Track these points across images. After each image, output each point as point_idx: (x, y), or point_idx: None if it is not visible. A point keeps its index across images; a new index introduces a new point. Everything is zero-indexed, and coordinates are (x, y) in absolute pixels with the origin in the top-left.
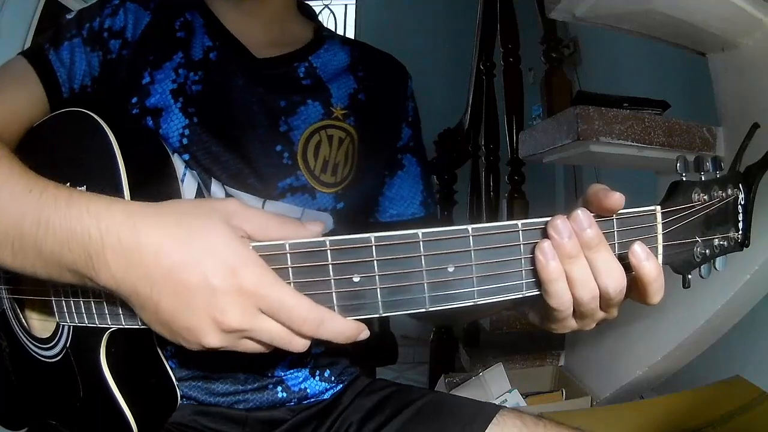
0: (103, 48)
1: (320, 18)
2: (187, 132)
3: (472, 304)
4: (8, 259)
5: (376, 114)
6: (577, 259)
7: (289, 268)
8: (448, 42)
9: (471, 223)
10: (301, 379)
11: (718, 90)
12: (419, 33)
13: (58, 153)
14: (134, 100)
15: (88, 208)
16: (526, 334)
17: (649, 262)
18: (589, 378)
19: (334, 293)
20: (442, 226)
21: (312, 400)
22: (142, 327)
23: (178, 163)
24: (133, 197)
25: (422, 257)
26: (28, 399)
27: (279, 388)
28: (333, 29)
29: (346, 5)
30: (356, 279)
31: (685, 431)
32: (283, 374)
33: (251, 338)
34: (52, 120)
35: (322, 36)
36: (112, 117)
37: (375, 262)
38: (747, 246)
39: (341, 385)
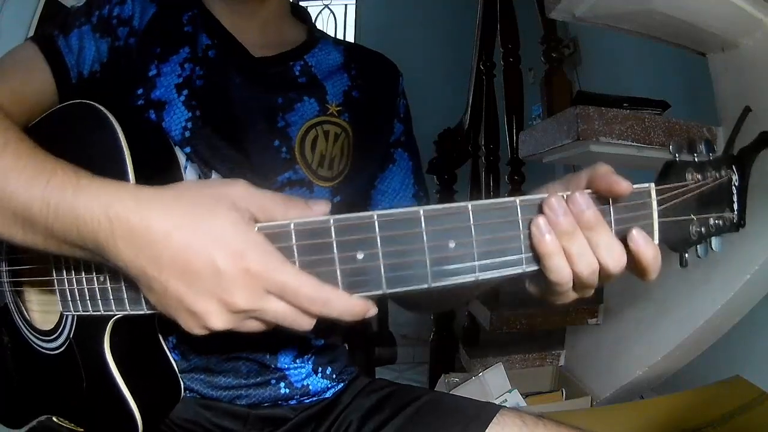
0: (111, 35)
1: (320, 18)
2: (189, 125)
3: (473, 279)
4: (18, 235)
5: (369, 110)
6: (574, 235)
7: (294, 246)
8: (448, 42)
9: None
10: (303, 375)
11: (718, 90)
12: (419, 33)
13: (66, 143)
14: (140, 91)
15: (98, 195)
16: (526, 334)
17: (648, 247)
18: (589, 378)
19: (338, 270)
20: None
21: (315, 398)
22: (147, 313)
23: (180, 156)
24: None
25: (423, 233)
26: (30, 394)
27: (282, 384)
28: (333, 29)
29: (346, 5)
30: (360, 256)
31: (685, 431)
32: (285, 369)
33: (257, 318)
34: (59, 111)
35: (315, 37)
36: (116, 108)
37: (378, 238)
38: (743, 226)
39: (342, 384)
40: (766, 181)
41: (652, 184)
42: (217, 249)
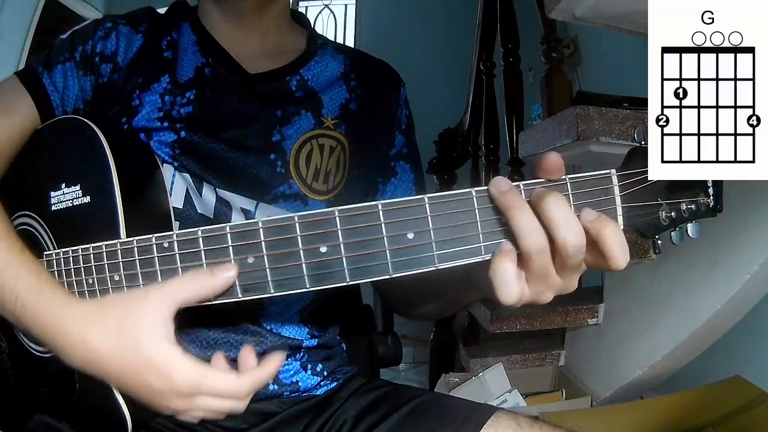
0: (94, 72)
1: (320, 18)
2: (177, 145)
3: (434, 269)
4: None
5: (368, 122)
6: (522, 209)
7: (263, 243)
8: (448, 42)
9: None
10: (292, 372)
11: None
12: (419, 33)
13: (57, 155)
14: (123, 119)
15: (52, 309)
16: (526, 334)
17: (605, 224)
18: (589, 378)
19: (303, 264)
20: None
21: (304, 394)
22: None
23: (168, 169)
24: (123, 197)
25: (383, 225)
26: (26, 396)
27: (270, 381)
28: (333, 29)
29: (346, 5)
30: (323, 249)
31: (685, 431)
32: None
33: (198, 410)
34: (52, 125)
35: (315, 46)
36: (106, 129)
37: (339, 232)
38: (720, 211)
39: (336, 383)
40: (766, 182)
41: (614, 170)
42: (149, 373)
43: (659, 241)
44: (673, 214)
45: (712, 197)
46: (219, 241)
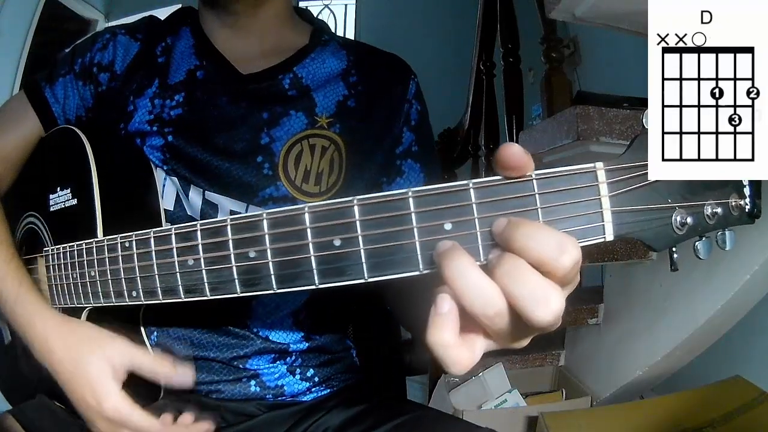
0: (93, 82)
1: (320, 18)
2: (166, 149)
3: (363, 281)
4: None
5: (368, 120)
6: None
7: (200, 245)
8: (448, 42)
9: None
10: (276, 375)
11: None
12: (419, 33)
13: (54, 161)
14: (121, 125)
15: (25, 312)
16: None
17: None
18: (589, 378)
19: (234, 268)
20: None
21: (289, 399)
22: (130, 305)
23: (159, 173)
24: (103, 201)
25: (308, 230)
26: (30, 376)
27: (252, 383)
28: (333, 29)
29: (346, 5)
30: (252, 254)
31: (685, 431)
32: (257, 368)
33: None
34: (52, 134)
35: (316, 42)
36: (107, 136)
37: (266, 236)
38: (758, 216)
39: (329, 390)
40: (765, 182)
41: (600, 163)
42: (87, 391)
43: (676, 255)
44: (690, 219)
45: (748, 198)
46: (166, 242)
